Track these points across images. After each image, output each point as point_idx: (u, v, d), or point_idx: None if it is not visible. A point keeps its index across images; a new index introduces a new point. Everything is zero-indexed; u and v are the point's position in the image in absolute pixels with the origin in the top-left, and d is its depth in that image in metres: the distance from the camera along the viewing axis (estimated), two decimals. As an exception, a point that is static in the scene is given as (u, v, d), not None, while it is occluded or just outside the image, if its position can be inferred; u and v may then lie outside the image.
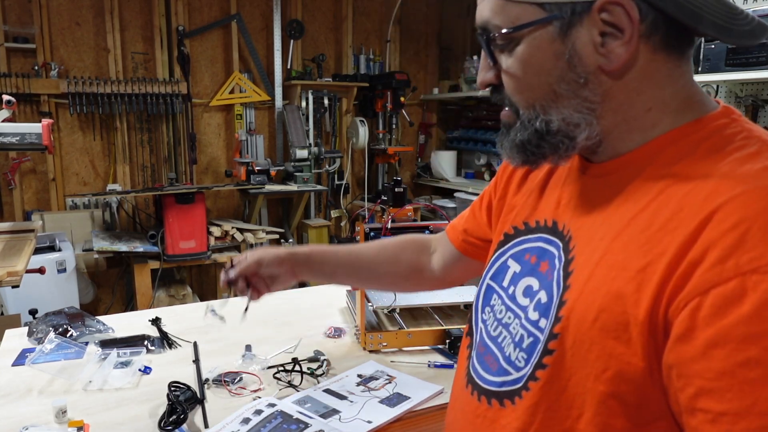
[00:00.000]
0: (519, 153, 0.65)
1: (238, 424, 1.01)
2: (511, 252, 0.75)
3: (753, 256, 0.47)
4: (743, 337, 0.46)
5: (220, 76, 4.05)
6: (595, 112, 0.60)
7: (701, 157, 0.56)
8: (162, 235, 3.33)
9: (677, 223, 0.53)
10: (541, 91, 0.61)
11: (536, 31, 0.59)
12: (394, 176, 4.42)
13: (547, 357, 0.62)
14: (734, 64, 2.58)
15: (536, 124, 0.62)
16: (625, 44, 0.56)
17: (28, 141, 1.99)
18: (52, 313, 1.50)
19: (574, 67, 0.59)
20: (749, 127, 0.58)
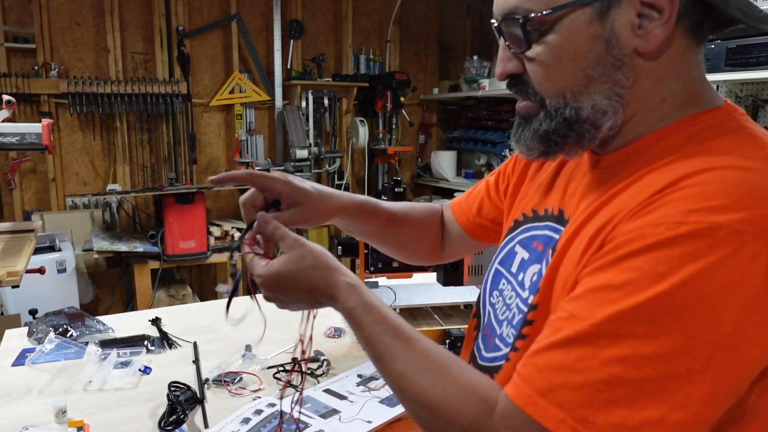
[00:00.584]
0: (541, 143, 0.63)
1: (238, 423, 1.01)
2: (519, 238, 0.76)
3: (666, 214, 0.50)
4: (621, 267, 0.51)
5: (220, 76, 4.05)
6: (623, 98, 0.59)
7: (688, 149, 0.57)
8: (162, 235, 3.33)
9: (631, 200, 0.55)
10: (573, 77, 0.59)
11: (573, 13, 0.57)
12: (394, 176, 4.42)
13: (526, 327, 0.64)
14: (734, 64, 2.58)
15: (566, 112, 0.60)
16: (663, 24, 0.56)
17: (28, 141, 1.99)
18: (52, 313, 1.50)
19: (612, 49, 0.57)
20: (745, 124, 0.59)
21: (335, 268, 0.69)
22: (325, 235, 4.21)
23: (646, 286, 0.49)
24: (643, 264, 0.49)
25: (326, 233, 4.24)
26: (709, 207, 0.49)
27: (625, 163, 0.62)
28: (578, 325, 0.51)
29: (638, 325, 0.49)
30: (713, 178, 0.51)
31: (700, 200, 0.49)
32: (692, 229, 0.48)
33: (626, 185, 0.59)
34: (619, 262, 0.51)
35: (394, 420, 1.06)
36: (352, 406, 1.09)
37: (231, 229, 3.64)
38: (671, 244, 0.49)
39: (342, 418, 1.05)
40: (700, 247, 0.48)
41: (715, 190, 0.50)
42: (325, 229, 4.22)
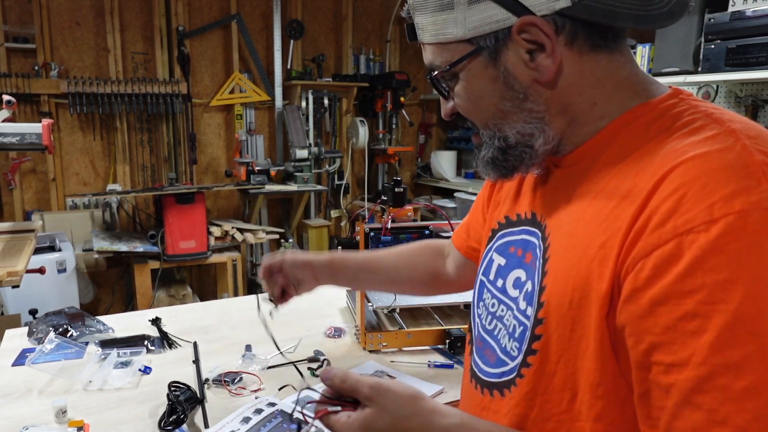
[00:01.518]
0: (492, 169, 0.69)
1: (238, 423, 1.01)
2: (495, 245, 0.78)
3: (688, 218, 0.50)
4: (681, 292, 0.50)
5: (220, 76, 4.05)
6: (544, 119, 0.64)
7: (652, 136, 0.59)
8: (162, 235, 3.33)
9: (631, 198, 0.56)
10: (489, 112, 0.66)
11: (470, 63, 0.64)
12: (394, 176, 4.42)
13: (535, 342, 0.64)
14: (734, 64, 2.58)
15: (496, 141, 0.67)
16: (549, 56, 0.60)
17: (28, 141, 1.99)
18: (52, 313, 1.50)
19: (512, 85, 0.63)
20: (696, 103, 0.61)
21: (433, 410, 0.62)
22: (325, 235, 4.21)
23: (721, 299, 0.48)
24: (703, 279, 0.49)
25: (326, 233, 4.24)
26: (723, 196, 0.49)
27: (589, 158, 0.65)
28: (685, 372, 0.49)
29: (742, 342, 0.47)
30: (703, 166, 0.52)
31: (709, 192, 0.50)
32: (726, 224, 0.48)
33: (603, 185, 0.61)
34: (675, 287, 0.50)
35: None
36: (352, 406, 1.09)
37: (231, 229, 3.64)
38: (715, 246, 0.48)
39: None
40: (744, 236, 0.48)
41: (715, 178, 0.51)
42: (325, 228, 4.22)
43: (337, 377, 0.65)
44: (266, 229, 3.78)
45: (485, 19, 0.60)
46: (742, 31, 2.54)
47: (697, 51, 2.77)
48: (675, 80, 2.90)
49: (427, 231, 1.40)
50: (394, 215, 1.42)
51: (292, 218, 4.18)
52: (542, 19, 0.59)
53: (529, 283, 0.68)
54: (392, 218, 1.41)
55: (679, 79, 2.85)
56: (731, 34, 2.58)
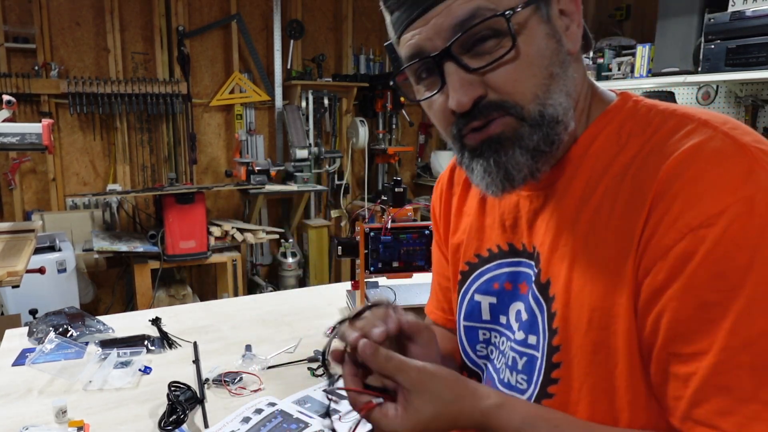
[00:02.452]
0: (532, 159, 0.59)
1: (238, 422, 1.01)
2: (474, 286, 0.75)
3: (696, 213, 0.50)
4: (698, 285, 0.50)
5: (220, 76, 4.05)
6: (573, 98, 0.61)
7: (624, 143, 0.59)
8: (162, 235, 3.33)
9: (631, 208, 0.56)
10: (542, 76, 0.58)
11: (529, 15, 0.57)
12: (394, 176, 4.41)
13: (555, 371, 0.62)
14: (734, 64, 2.58)
15: (547, 113, 0.58)
16: (578, 26, 0.61)
17: (28, 141, 1.99)
18: (52, 313, 1.50)
19: (560, 47, 0.60)
20: (653, 103, 0.62)
21: (474, 391, 0.58)
22: (325, 235, 4.21)
23: (738, 285, 0.49)
24: (719, 268, 0.49)
25: (326, 233, 4.24)
26: (725, 185, 0.50)
27: (566, 176, 0.63)
28: (706, 360, 0.50)
29: (761, 320, 0.48)
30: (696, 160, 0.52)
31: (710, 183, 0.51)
32: (734, 212, 0.49)
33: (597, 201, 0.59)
34: (692, 281, 0.50)
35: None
36: (352, 406, 1.09)
37: (231, 229, 3.64)
38: (727, 236, 0.49)
39: (342, 418, 1.05)
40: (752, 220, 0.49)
41: (711, 169, 0.51)
42: (325, 228, 4.22)
43: (381, 355, 0.57)
44: (266, 229, 3.78)
45: None
46: (742, 31, 2.54)
47: (697, 51, 2.78)
48: (675, 80, 2.90)
49: (427, 231, 1.40)
50: (394, 215, 1.42)
51: (292, 218, 4.18)
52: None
53: (525, 312, 0.66)
54: (392, 218, 1.41)
55: (679, 79, 2.85)
56: (731, 34, 2.59)
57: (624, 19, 3.69)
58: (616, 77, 3.22)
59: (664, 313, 0.52)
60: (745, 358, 0.48)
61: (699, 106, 3.17)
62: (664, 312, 0.52)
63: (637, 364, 0.56)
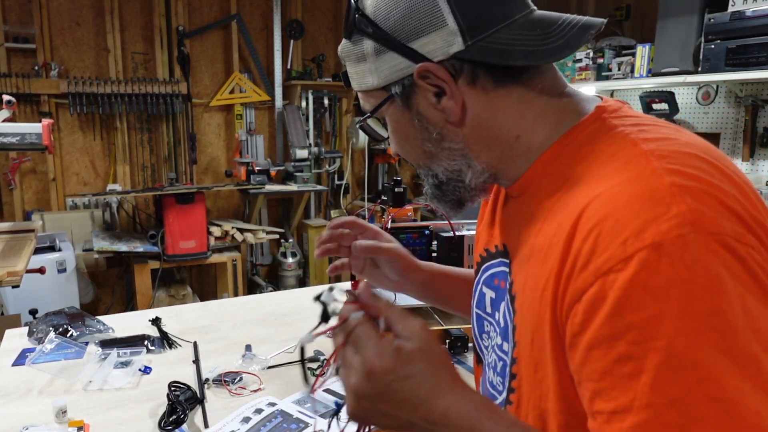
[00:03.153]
0: (438, 202, 0.72)
1: (238, 422, 1.01)
2: (482, 278, 0.78)
3: (606, 258, 0.49)
4: (611, 335, 0.48)
5: (220, 76, 4.05)
6: (467, 155, 0.66)
7: (575, 166, 0.59)
8: (162, 235, 3.33)
9: (558, 237, 0.56)
10: (416, 153, 0.69)
11: (389, 108, 0.67)
12: (394, 176, 4.42)
13: (514, 381, 0.65)
14: (734, 64, 2.58)
15: (430, 179, 0.70)
16: (451, 98, 0.62)
17: (28, 141, 1.99)
18: (52, 313, 1.50)
19: (426, 127, 0.65)
20: (616, 123, 0.60)
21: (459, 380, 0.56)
22: (325, 235, 4.21)
23: (652, 337, 0.46)
24: (630, 319, 0.47)
25: (326, 233, 4.24)
26: (633, 231, 0.48)
27: (530, 190, 0.65)
28: (629, 419, 0.46)
29: (682, 377, 0.45)
30: (613, 200, 0.51)
31: (621, 228, 0.49)
32: (640, 259, 0.47)
33: (541, 223, 0.61)
34: (604, 331, 0.48)
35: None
36: (352, 406, 1.09)
37: (231, 229, 3.64)
38: (635, 284, 0.47)
39: (342, 418, 1.05)
40: (660, 269, 0.46)
41: (624, 211, 0.50)
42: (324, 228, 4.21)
43: (381, 300, 0.57)
44: (266, 229, 3.78)
45: (392, 68, 0.63)
46: (742, 31, 2.54)
47: (697, 51, 2.78)
48: (675, 80, 2.90)
49: (427, 231, 1.40)
50: (394, 215, 1.42)
51: (292, 218, 4.18)
52: (437, 64, 0.61)
53: (503, 318, 0.69)
54: (392, 218, 1.41)
55: (679, 79, 2.85)
56: (731, 34, 2.58)
57: (624, 19, 3.69)
58: (616, 77, 3.22)
59: (586, 364, 0.50)
60: (672, 417, 0.45)
61: (699, 106, 3.17)
62: (585, 362, 0.50)
63: (570, 392, 0.55)
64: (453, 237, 1.35)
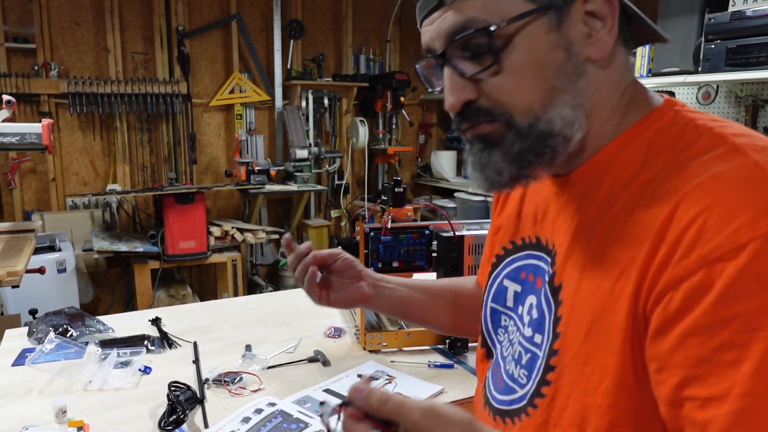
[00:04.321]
0: (514, 165, 0.60)
1: (238, 422, 1.01)
2: (504, 272, 0.76)
3: (714, 246, 0.48)
4: (714, 323, 0.47)
5: (220, 76, 4.05)
6: (585, 108, 0.59)
7: (653, 158, 0.57)
8: (162, 235, 3.33)
9: (642, 227, 0.54)
10: (540, 90, 0.57)
11: (531, 23, 0.56)
12: (394, 176, 4.41)
13: (550, 373, 0.62)
14: (734, 64, 2.58)
15: (539, 127, 0.58)
16: (609, 31, 0.57)
17: (28, 141, 1.99)
18: (52, 313, 1.50)
19: (572, 57, 0.57)
20: (692, 116, 0.59)
21: None
22: (325, 235, 4.21)
23: (758, 326, 0.45)
24: (737, 308, 0.46)
25: (326, 233, 4.24)
26: (746, 220, 0.47)
27: (591, 179, 0.62)
28: (725, 406, 0.46)
29: None
30: (719, 189, 0.50)
31: (731, 216, 0.48)
32: (755, 248, 0.46)
33: (613, 212, 0.58)
34: (708, 318, 0.48)
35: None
36: (352, 406, 1.09)
37: (231, 229, 3.63)
38: (746, 273, 0.46)
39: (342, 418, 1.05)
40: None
41: (734, 200, 0.49)
42: (325, 228, 4.22)
43: (374, 398, 0.52)
44: (266, 229, 3.78)
45: None
46: (742, 31, 2.54)
47: (697, 51, 2.78)
48: (675, 80, 2.90)
49: (427, 231, 1.40)
50: (394, 215, 1.42)
51: (292, 218, 4.18)
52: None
53: (536, 310, 0.67)
54: (392, 218, 1.41)
55: (679, 79, 2.85)
56: (731, 34, 2.59)
57: (624, 19, 3.69)
58: (616, 77, 3.22)
59: (679, 350, 0.49)
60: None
61: (699, 106, 3.17)
62: (679, 348, 0.49)
63: (629, 387, 0.55)
64: (453, 237, 1.34)
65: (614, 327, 0.55)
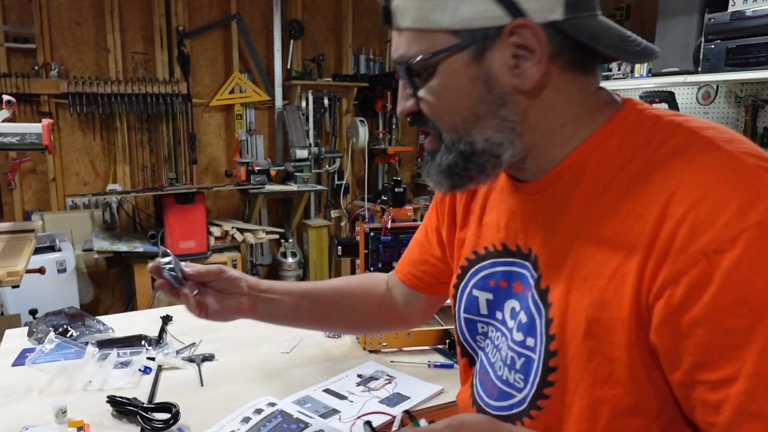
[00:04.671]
0: (446, 178, 0.65)
1: (238, 422, 1.01)
2: (472, 282, 0.77)
3: (709, 238, 0.50)
4: (718, 311, 0.50)
5: (220, 76, 4.05)
6: (516, 130, 0.62)
7: (630, 156, 0.59)
8: (162, 235, 3.33)
9: (632, 223, 0.56)
10: (461, 115, 0.62)
11: (451, 57, 0.60)
12: (394, 176, 4.41)
13: (551, 374, 0.64)
14: (734, 64, 2.58)
15: (461, 146, 0.63)
16: (536, 64, 0.59)
17: (28, 141, 1.99)
18: (52, 313, 1.50)
19: (491, 88, 0.60)
20: (656, 113, 0.62)
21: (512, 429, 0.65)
22: (325, 235, 4.21)
23: (761, 309, 0.49)
24: (739, 293, 0.49)
25: (326, 233, 4.24)
26: (735, 212, 0.50)
27: (565, 182, 0.64)
28: (736, 386, 0.49)
29: None
30: (703, 184, 0.52)
31: (720, 209, 0.51)
32: (748, 237, 0.49)
33: (598, 212, 0.60)
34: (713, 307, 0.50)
35: (394, 420, 1.06)
36: (352, 406, 1.09)
37: (231, 229, 3.63)
38: (744, 260, 0.49)
39: (342, 418, 1.05)
40: None
41: (720, 194, 0.51)
42: (325, 228, 4.22)
43: None
44: (266, 229, 3.78)
45: (478, 13, 0.58)
46: (742, 31, 2.54)
47: (697, 51, 2.78)
48: (675, 80, 2.90)
49: (427, 231, 1.39)
50: (394, 215, 1.42)
51: (292, 218, 4.18)
52: (538, 25, 0.58)
53: (523, 314, 0.68)
54: (392, 218, 1.41)
55: (679, 79, 2.85)
56: (731, 34, 2.59)
57: (624, 19, 3.69)
58: (616, 77, 3.22)
59: (686, 339, 0.52)
60: None
61: (699, 106, 3.17)
62: (686, 338, 0.52)
63: (638, 376, 0.57)
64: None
65: (617, 323, 0.57)
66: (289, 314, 0.94)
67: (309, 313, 0.96)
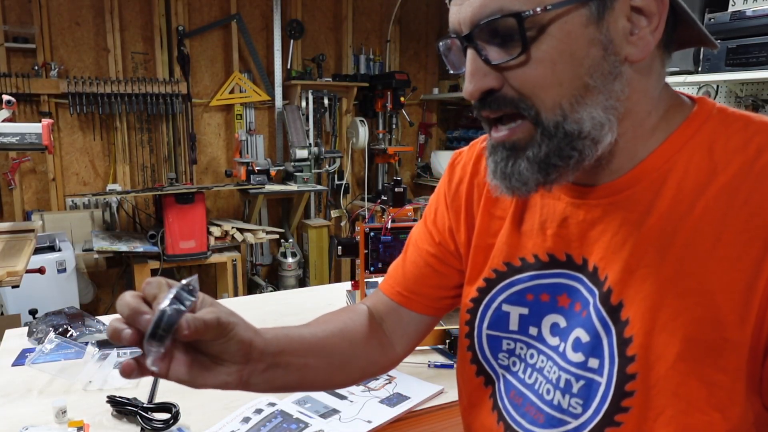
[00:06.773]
0: (541, 173, 0.55)
1: (238, 422, 1.01)
2: (501, 297, 0.69)
3: None
4: None
5: (220, 76, 4.05)
6: (618, 111, 0.54)
7: (723, 161, 0.54)
8: (162, 235, 3.33)
9: (751, 237, 0.50)
10: (571, 86, 0.52)
11: (569, 14, 0.51)
12: (394, 176, 4.41)
13: (627, 400, 0.56)
14: (734, 64, 2.58)
15: (566, 126, 0.53)
16: (653, 31, 0.53)
17: (28, 141, 1.99)
18: (52, 313, 1.50)
19: (609, 55, 0.52)
20: (740, 113, 0.57)
21: None
22: (325, 235, 4.21)
23: None
24: None
25: (326, 233, 4.24)
26: None
27: (644, 187, 0.57)
28: None
29: None
30: None
31: None
32: None
33: (694, 221, 0.53)
34: None
35: (394, 420, 1.06)
36: (352, 406, 1.09)
37: (231, 229, 3.63)
38: None
39: (342, 418, 1.05)
40: None
41: None
42: (325, 228, 4.22)
43: None
44: (266, 229, 3.78)
45: None
46: (742, 31, 2.54)
47: (697, 51, 2.77)
48: (675, 80, 2.90)
49: (427, 231, 1.39)
50: (394, 215, 1.42)
51: (292, 218, 4.18)
52: None
53: (582, 331, 0.60)
54: (392, 218, 1.41)
55: (679, 79, 2.85)
56: (731, 34, 2.58)
57: (624, 19, 3.70)
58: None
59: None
60: None
61: (699, 106, 3.17)
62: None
63: (741, 402, 0.52)
64: (453, 237, 1.34)
65: (728, 344, 0.51)
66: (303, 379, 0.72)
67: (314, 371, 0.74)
